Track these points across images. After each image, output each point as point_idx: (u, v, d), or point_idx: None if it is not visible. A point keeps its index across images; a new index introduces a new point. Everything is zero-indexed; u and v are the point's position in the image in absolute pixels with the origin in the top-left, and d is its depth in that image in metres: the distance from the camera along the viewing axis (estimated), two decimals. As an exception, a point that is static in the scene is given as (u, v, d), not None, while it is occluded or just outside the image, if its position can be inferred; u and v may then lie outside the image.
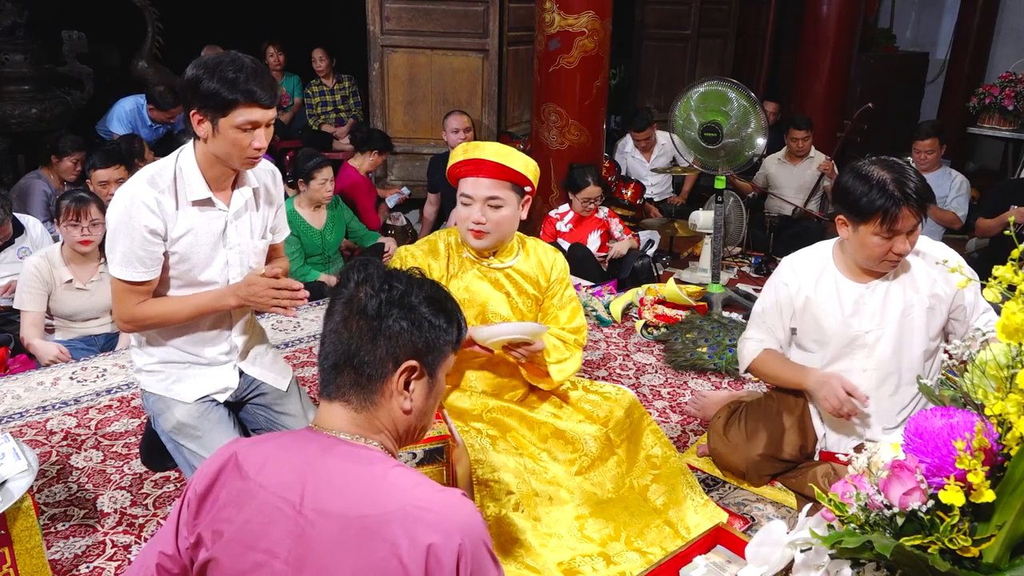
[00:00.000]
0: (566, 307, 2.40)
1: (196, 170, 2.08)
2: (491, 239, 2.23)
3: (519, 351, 2.20)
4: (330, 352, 1.23)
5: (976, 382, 1.25)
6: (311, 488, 1.14)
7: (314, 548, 1.11)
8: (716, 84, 4.02)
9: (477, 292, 2.30)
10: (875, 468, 1.27)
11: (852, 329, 2.34)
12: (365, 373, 1.21)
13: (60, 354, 3.30)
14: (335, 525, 1.11)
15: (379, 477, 1.14)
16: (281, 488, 1.15)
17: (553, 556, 2.06)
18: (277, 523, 1.14)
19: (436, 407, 1.32)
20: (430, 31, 5.79)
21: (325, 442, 1.20)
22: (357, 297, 1.22)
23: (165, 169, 2.09)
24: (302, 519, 1.12)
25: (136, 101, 5.44)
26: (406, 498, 1.11)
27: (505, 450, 2.21)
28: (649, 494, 2.24)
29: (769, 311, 2.49)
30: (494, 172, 2.18)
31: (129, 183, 2.09)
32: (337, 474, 1.15)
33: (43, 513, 2.35)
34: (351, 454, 1.18)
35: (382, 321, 1.20)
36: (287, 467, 1.17)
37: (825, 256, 2.40)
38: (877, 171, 2.15)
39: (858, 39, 6.59)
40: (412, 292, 1.23)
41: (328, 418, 1.23)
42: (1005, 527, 1.15)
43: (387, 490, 1.13)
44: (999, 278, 1.20)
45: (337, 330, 1.23)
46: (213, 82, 1.93)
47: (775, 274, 2.50)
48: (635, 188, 5.59)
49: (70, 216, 3.22)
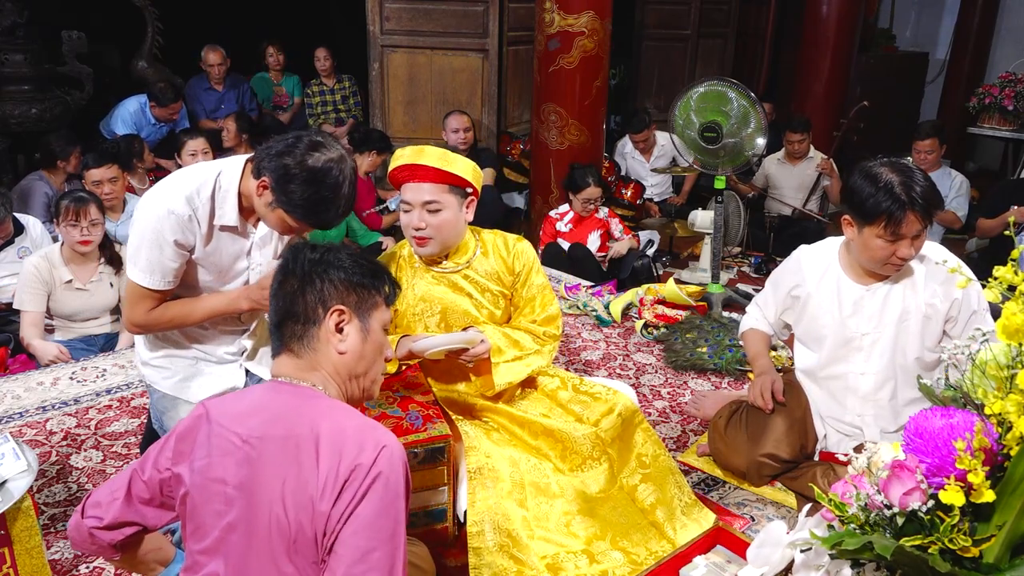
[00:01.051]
0: (535, 297, 2.37)
1: (234, 197, 2.04)
2: (435, 244, 2.22)
3: (464, 357, 2.20)
4: (272, 314, 1.44)
5: (976, 382, 1.25)
6: (255, 422, 1.33)
7: (255, 469, 1.29)
8: (716, 84, 4.02)
9: (435, 298, 2.30)
10: (875, 468, 1.27)
11: (848, 330, 2.34)
12: (300, 322, 1.41)
13: (60, 354, 3.30)
14: (271, 447, 1.29)
15: (311, 406, 1.34)
16: (233, 425, 1.34)
17: (539, 549, 2.05)
18: (229, 454, 1.32)
19: (378, 358, 1.48)
20: (430, 31, 5.79)
21: (272, 385, 1.42)
22: (290, 265, 1.44)
23: (204, 186, 2.02)
24: (247, 447, 1.31)
25: (139, 102, 5.44)
26: (330, 422, 1.30)
27: (498, 440, 2.21)
28: (638, 494, 2.23)
29: (770, 293, 2.59)
30: (432, 176, 2.17)
31: (166, 192, 2.02)
32: (277, 407, 1.35)
33: (43, 513, 2.35)
34: (291, 391, 1.38)
35: (310, 277, 1.41)
36: (240, 409, 1.37)
37: (831, 254, 2.40)
38: (886, 173, 2.13)
39: (858, 39, 6.59)
40: (337, 253, 1.45)
41: (277, 368, 1.44)
42: (1005, 527, 1.15)
43: (316, 415, 1.31)
44: (999, 278, 1.20)
45: (276, 294, 1.44)
46: (302, 191, 1.86)
47: (788, 260, 2.54)
48: (635, 188, 5.59)
49: (69, 216, 3.22)
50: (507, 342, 2.29)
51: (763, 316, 2.63)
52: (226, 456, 1.32)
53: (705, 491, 2.54)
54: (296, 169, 1.85)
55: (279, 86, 6.36)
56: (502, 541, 2.02)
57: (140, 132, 5.29)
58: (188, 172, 2.07)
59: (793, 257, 2.51)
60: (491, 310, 2.34)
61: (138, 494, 1.43)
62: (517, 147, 5.90)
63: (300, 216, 1.91)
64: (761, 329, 2.65)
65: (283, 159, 1.86)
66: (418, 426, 2.09)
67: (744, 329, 2.71)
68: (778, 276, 2.55)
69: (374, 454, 1.25)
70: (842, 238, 2.38)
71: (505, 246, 2.38)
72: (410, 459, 2.05)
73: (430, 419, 2.12)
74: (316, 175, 1.85)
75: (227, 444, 1.33)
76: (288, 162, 1.85)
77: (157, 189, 2.06)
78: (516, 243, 2.39)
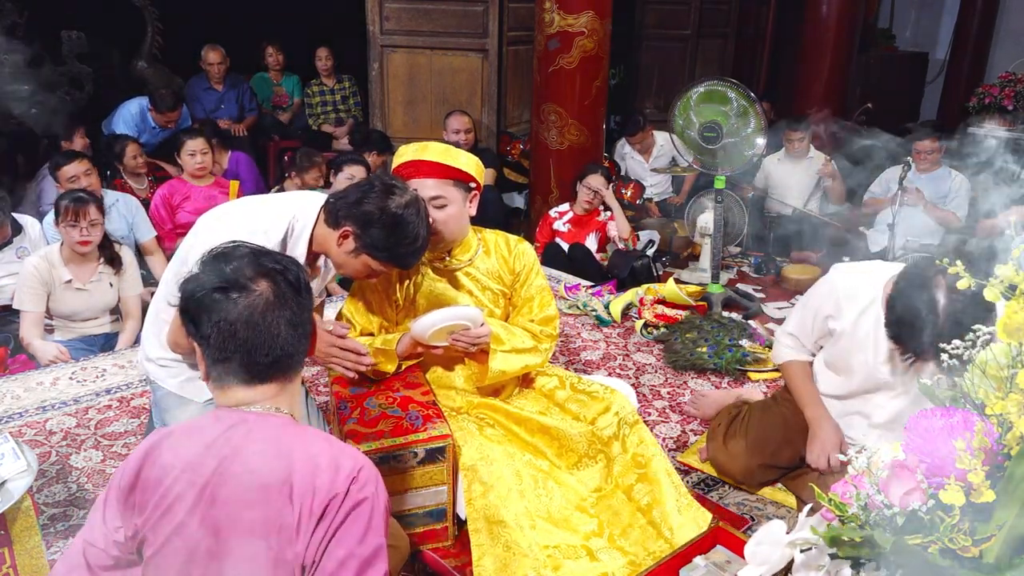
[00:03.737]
0: (535, 297, 2.39)
1: (306, 242, 2.06)
2: (441, 239, 2.24)
3: (463, 340, 2.19)
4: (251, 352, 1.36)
5: (976, 382, 1.25)
6: (211, 461, 1.26)
7: (222, 513, 1.24)
8: (716, 84, 4.02)
9: (436, 294, 2.31)
10: (875, 468, 1.27)
11: (880, 374, 2.22)
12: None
13: (59, 354, 3.30)
14: (236, 488, 1.24)
15: (279, 436, 1.29)
16: (187, 467, 1.26)
17: (540, 539, 2.05)
18: (185, 499, 1.25)
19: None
20: (430, 31, 5.79)
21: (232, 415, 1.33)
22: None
23: (274, 229, 2.02)
24: (208, 489, 1.24)
25: (140, 104, 5.44)
26: (301, 453, 1.26)
27: (492, 436, 2.22)
28: (634, 493, 2.23)
29: (806, 319, 2.39)
30: (437, 172, 2.18)
31: (233, 224, 1.99)
32: (236, 442, 1.28)
33: (43, 513, 2.35)
34: (256, 420, 1.31)
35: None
36: (194, 448, 1.29)
37: (874, 289, 2.18)
38: (917, 301, 1.89)
39: (858, 39, 6.59)
40: None
41: (247, 395, 1.36)
42: (1005, 527, 1.14)
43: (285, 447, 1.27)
44: (1000, 278, 1.20)
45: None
46: (386, 235, 1.94)
47: (821, 284, 2.35)
48: (635, 188, 5.60)
49: (69, 216, 3.22)
50: (507, 334, 2.30)
51: (800, 344, 2.44)
52: (183, 501, 1.25)
53: (705, 491, 2.54)
54: (377, 214, 1.93)
55: (279, 86, 6.36)
56: (502, 533, 2.02)
57: (141, 134, 5.29)
58: (260, 208, 2.08)
59: (828, 282, 2.32)
60: (491, 308, 2.36)
61: (97, 563, 1.31)
62: (517, 147, 5.90)
63: (385, 259, 1.98)
64: (803, 359, 2.45)
65: (362, 206, 1.95)
66: (418, 426, 2.09)
67: (782, 361, 2.51)
68: (811, 301, 2.37)
69: (347, 483, 1.24)
70: (888, 271, 2.16)
71: (507, 246, 2.39)
72: (410, 459, 2.06)
73: (430, 419, 2.12)
74: (397, 219, 1.94)
75: (185, 487, 1.25)
76: (369, 208, 1.94)
77: (223, 219, 2.05)
78: (517, 244, 2.40)
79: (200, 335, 1.31)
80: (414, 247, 1.99)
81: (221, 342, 1.29)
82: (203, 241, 2.00)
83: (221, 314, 1.28)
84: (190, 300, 1.31)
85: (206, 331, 1.29)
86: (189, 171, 4.34)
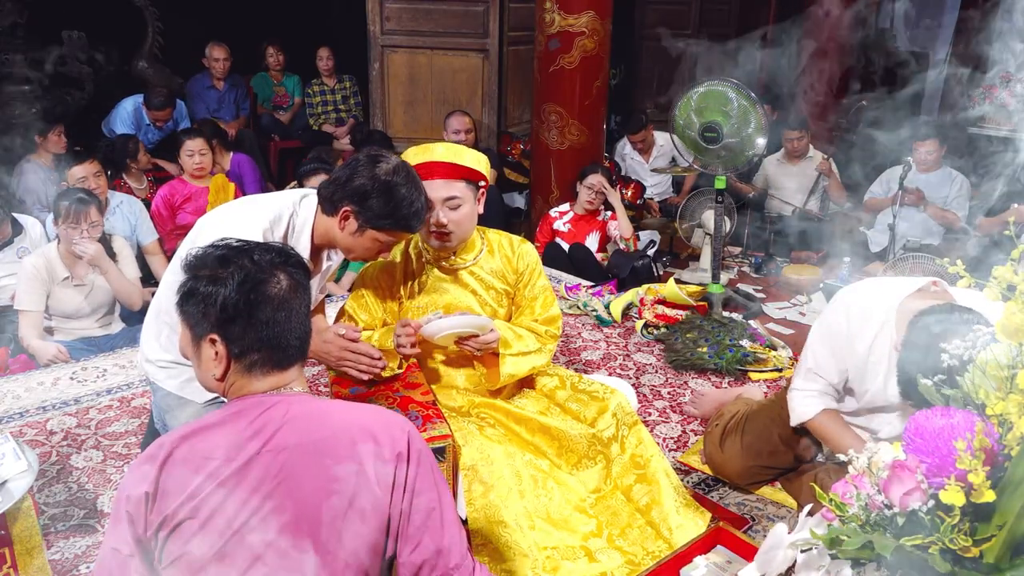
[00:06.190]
0: (538, 297, 2.40)
1: (308, 236, 2.06)
2: (455, 239, 2.25)
3: (471, 344, 2.21)
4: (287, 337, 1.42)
5: (976, 382, 1.25)
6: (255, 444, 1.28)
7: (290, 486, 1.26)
8: (716, 84, 4.02)
9: (441, 293, 2.32)
10: (875, 468, 1.27)
11: (890, 393, 2.14)
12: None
13: (59, 354, 3.30)
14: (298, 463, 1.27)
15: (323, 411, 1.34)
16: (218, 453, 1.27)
17: (539, 539, 2.06)
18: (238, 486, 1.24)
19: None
20: (430, 31, 5.79)
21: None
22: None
23: (277, 224, 2.02)
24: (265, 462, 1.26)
25: (136, 102, 5.45)
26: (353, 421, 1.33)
27: (492, 436, 2.22)
28: (633, 494, 2.23)
29: (824, 364, 2.21)
30: (447, 172, 2.19)
31: (241, 222, 1.96)
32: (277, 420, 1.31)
33: (43, 513, 2.35)
34: (296, 399, 1.36)
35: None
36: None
37: (887, 309, 2.07)
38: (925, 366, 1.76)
39: (858, 39, 6.59)
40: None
41: (281, 380, 1.41)
42: (1005, 527, 1.14)
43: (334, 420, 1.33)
44: (999, 278, 1.20)
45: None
46: (383, 202, 1.94)
47: (832, 312, 2.21)
48: (635, 188, 5.60)
49: (70, 218, 3.22)
50: (514, 336, 2.31)
51: (826, 384, 2.22)
52: (231, 486, 1.23)
53: (705, 491, 2.54)
54: (370, 184, 1.93)
55: (279, 86, 6.36)
56: (502, 533, 2.03)
57: (139, 132, 5.29)
58: (263, 205, 2.05)
59: (839, 309, 2.18)
60: (494, 308, 2.36)
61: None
62: (517, 147, 5.90)
63: (390, 226, 1.98)
64: (834, 408, 2.25)
65: (354, 182, 1.95)
66: (418, 426, 2.09)
67: (811, 417, 2.25)
68: (827, 331, 2.21)
69: (405, 438, 1.33)
70: (903, 289, 2.09)
71: (510, 246, 2.41)
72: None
73: (430, 419, 2.12)
74: (390, 184, 1.94)
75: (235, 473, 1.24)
76: (361, 182, 1.94)
77: (230, 217, 2.03)
78: (520, 244, 2.42)
79: (231, 335, 1.32)
80: (415, 207, 1.98)
81: (258, 331, 1.33)
82: (205, 242, 1.99)
83: (262, 305, 1.33)
84: (227, 307, 1.32)
85: (240, 329, 1.32)
86: (188, 171, 4.35)
